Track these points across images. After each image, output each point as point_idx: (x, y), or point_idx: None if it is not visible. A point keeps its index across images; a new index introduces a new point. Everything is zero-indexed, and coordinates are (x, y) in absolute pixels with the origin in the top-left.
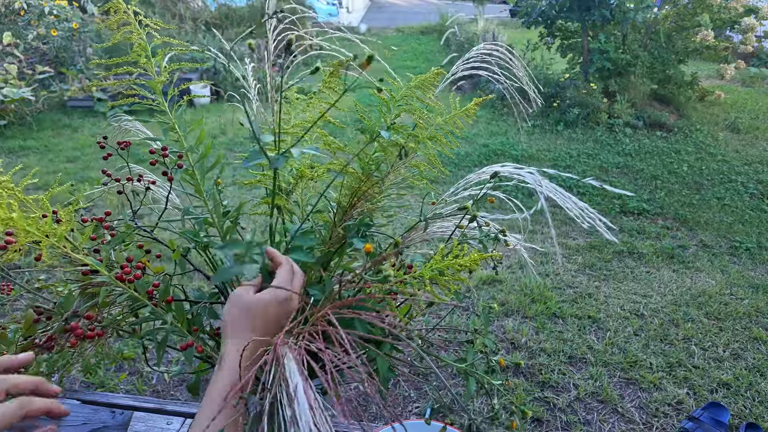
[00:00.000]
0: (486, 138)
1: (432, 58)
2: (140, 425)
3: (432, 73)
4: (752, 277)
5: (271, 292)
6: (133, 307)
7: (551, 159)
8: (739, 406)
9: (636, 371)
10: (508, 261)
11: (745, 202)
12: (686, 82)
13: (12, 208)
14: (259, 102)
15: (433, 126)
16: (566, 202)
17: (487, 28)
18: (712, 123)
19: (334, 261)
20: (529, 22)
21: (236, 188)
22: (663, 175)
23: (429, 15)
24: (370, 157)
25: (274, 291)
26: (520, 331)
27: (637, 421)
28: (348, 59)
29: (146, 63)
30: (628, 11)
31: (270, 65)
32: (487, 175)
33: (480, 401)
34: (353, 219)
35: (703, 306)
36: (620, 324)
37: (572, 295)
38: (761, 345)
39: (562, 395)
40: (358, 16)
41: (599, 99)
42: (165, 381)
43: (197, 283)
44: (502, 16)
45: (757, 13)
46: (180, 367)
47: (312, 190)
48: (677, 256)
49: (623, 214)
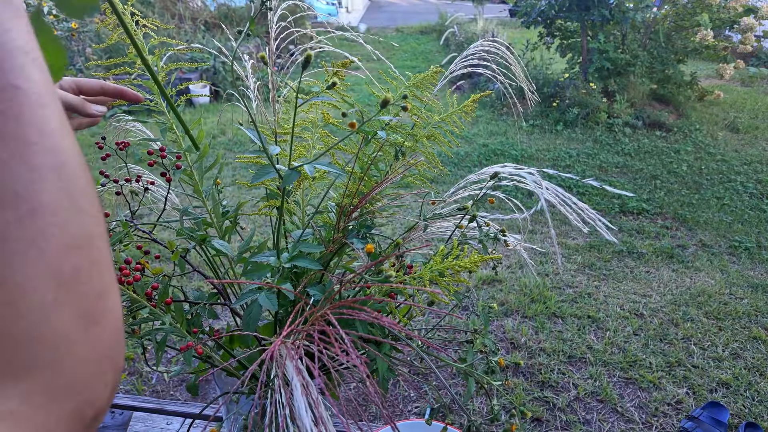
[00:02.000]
0: (485, 138)
1: (431, 58)
2: (140, 425)
3: (431, 71)
4: (751, 276)
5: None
6: (132, 308)
7: (551, 159)
8: (739, 406)
9: (635, 371)
10: (508, 261)
11: (745, 201)
12: (685, 81)
13: None
14: (259, 102)
15: (431, 124)
16: (566, 208)
17: (486, 27)
18: (711, 123)
19: (334, 261)
20: (528, 22)
21: (236, 188)
22: (662, 174)
23: (428, 15)
24: (369, 157)
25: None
26: (520, 330)
27: (637, 421)
28: (348, 60)
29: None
30: (628, 11)
31: (271, 65)
32: (487, 176)
33: (480, 401)
34: (353, 220)
35: (702, 305)
36: (620, 324)
37: (572, 294)
38: (761, 344)
39: (561, 395)
40: (357, 16)
41: (598, 99)
42: (164, 381)
43: (197, 283)
44: (502, 16)
45: (756, 13)
46: (179, 367)
47: (313, 190)
48: (677, 255)
49: (623, 213)
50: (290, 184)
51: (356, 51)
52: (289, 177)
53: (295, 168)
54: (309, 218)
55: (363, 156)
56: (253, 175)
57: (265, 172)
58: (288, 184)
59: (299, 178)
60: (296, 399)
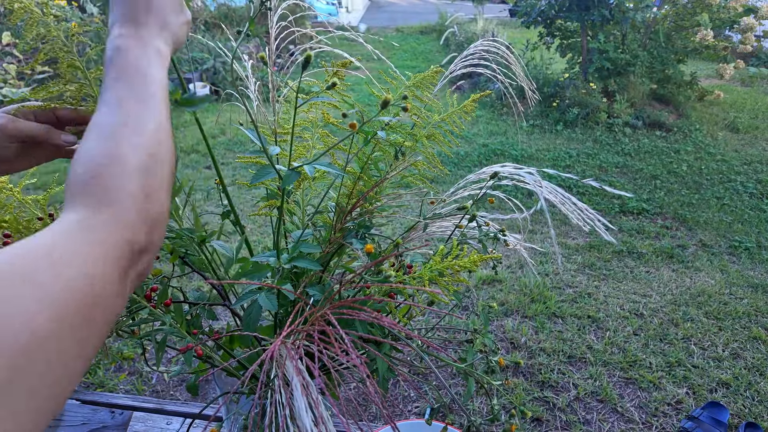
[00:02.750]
0: (485, 138)
1: (431, 58)
2: (140, 425)
3: (431, 71)
4: (751, 276)
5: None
6: (131, 309)
7: (551, 159)
8: (739, 406)
9: (635, 371)
10: (508, 261)
11: (745, 201)
12: (685, 81)
13: (8, 210)
14: (259, 102)
15: (431, 124)
16: (567, 207)
17: (486, 27)
18: (711, 123)
19: (334, 261)
20: (528, 22)
21: (236, 188)
22: (662, 174)
23: (428, 15)
24: (369, 156)
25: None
26: (520, 330)
27: (637, 421)
28: (348, 60)
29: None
30: (628, 11)
31: (271, 65)
32: (487, 176)
33: (480, 401)
34: (353, 221)
35: (702, 305)
36: (620, 323)
37: (572, 294)
38: (760, 344)
39: (561, 395)
40: (357, 16)
41: (598, 99)
42: (164, 381)
43: (196, 284)
44: (502, 16)
45: (756, 13)
46: (179, 367)
47: (313, 190)
48: (676, 255)
49: (623, 213)
50: (290, 185)
51: (356, 51)
52: (289, 177)
53: (295, 168)
54: (309, 218)
55: (362, 156)
56: (253, 175)
57: (264, 173)
58: (288, 185)
59: (299, 179)
60: (296, 399)
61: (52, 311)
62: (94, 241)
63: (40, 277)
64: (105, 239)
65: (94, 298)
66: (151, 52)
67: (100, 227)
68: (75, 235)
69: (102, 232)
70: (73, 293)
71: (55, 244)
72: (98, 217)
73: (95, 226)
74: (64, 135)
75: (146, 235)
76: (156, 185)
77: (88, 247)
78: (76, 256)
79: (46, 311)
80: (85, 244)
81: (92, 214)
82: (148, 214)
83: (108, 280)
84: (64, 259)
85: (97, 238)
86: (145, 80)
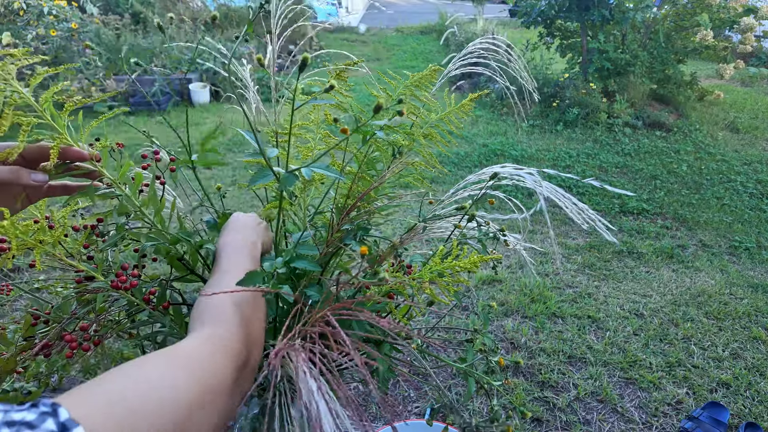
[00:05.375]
0: (485, 138)
1: (431, 58)
2: None
3: (429, 70)
4: (751, 276)
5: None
6: (131, 312)
7: (551, 159)
8: (739, 406)
9: (635, 371)
10: (508, 261)
11: (745, 201)
12: (685, 81)
13: (5, 215)
14: (258, 103)
15: (428, 123)
16: (566, 204)
17: (486, 28)
18: (711, 123)
19: (333, 261)
20: (528, 22)
21: (236, 188)
22: (662, 174)
23: (428, 15)
24: (368, 156)
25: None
26: (520, 330)
27: (637, 421)
28: (351, 62)
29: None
30: (627, 11)
31: (272, 66)
32: (487, 176)
33: (480, 401)
34: (351, 221)
35: (702, 306)
36: (620, 324)
37: (572, 294)
38: (761, 344)
39: (561, 395)
40: (357, 17)
41: (598, 99)
42: None
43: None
44: (502, 16)
45: (756, 13)
46: None
47: (318, 190)
48: (677, 255)
49: (623, 213)
50: (289, 187)
51: (356, 51)
52: (287, 180)
53: (292, 171)
54: (309, 219)
55: (361, 155)
56: (251, 177)
57: (262, 175)
58: (287, 187)
59: (307, 183)
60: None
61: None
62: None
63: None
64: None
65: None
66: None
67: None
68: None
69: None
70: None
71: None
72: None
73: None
74: (34, 174)
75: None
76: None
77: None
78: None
79: (195, 391)
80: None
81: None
82: (248, 375)
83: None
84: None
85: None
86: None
